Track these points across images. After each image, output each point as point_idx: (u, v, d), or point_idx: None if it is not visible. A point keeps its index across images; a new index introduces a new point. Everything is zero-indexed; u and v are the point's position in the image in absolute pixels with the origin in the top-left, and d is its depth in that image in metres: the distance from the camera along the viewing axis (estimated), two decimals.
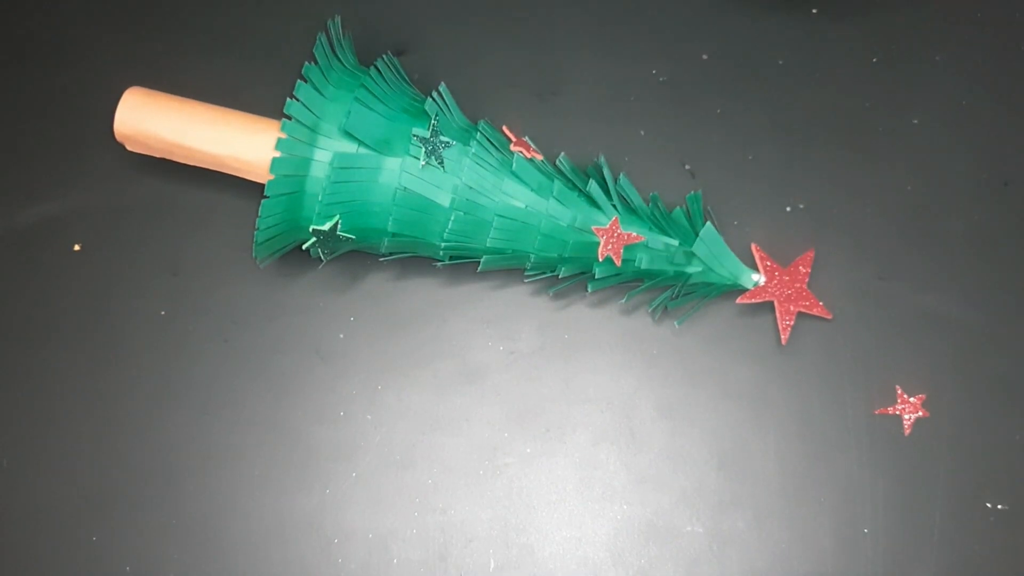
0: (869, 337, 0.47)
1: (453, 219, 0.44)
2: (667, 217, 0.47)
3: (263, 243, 0.44)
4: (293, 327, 0.48)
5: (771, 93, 0.50)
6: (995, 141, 0.49)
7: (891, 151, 0.49)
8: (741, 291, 0.47)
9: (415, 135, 0.44)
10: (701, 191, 0.48)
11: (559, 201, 0.45)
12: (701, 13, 0.48)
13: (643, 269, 0.46)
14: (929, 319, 0.47)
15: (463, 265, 0.48)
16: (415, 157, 0.44)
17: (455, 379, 0.47)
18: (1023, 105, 0.50)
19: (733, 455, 0.46)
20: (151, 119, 0.45)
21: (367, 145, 0.44)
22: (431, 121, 0.44)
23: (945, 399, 0.46)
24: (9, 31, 0.52)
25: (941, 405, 0.46)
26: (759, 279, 0.47)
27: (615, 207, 0.46)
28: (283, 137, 0.43)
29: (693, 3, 0.50)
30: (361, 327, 0.48)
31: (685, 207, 0.48)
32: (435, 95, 0.45)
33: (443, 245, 0.45)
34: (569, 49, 0.51)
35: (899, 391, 0.46)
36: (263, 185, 0.43)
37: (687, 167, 0.50)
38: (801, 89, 0.50)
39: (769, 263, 0.47)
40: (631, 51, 0.51)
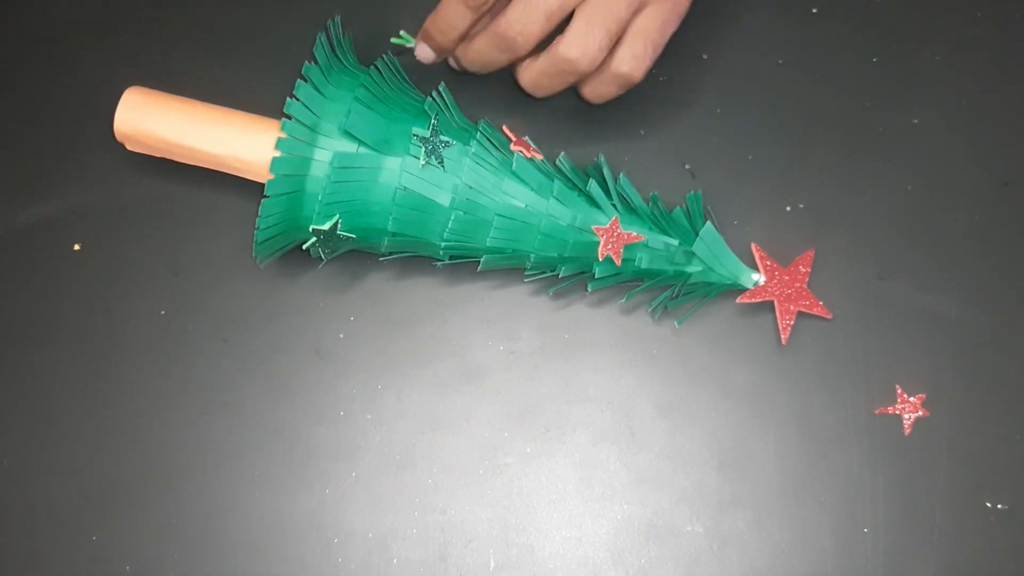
0: (869, 337, 0.47)
1: (453, 219, 0.44)
2: (667, 217, 0.47)
3: (263, 243, 0.44)
4: (293, 327, 0.48)
5: (771, 93, 0.50)
6: (995, 141, 0.49)
7: (891, 151, 0.49)
8: (741, 291, 0.47)
9: (415, 135, 0.44)
10: (701, 191, 0.48)
11: (559, 201, 0.45)
12: (701, 13, 0.48)
13: (643, 269, 0.46)
14: (929, 319, 0.47)
15: (463, 265, 0.48)
16: (415, 157, 0.44)
17: (455, 379, 0.47)
18: (1023, 105, 0.50)
19: (733, 455, 0.46)
20: (151, 119, 0.45)
21: (367, 145, 0.44)
22: (431, 121, 0.44)
23: (945, 399, 0.46)
24: (9, 31, 0.52)
25: (941, 405, 0.46)
26: (759, 279, 0.47)
27: (615, 207, 0.46)
28: (283, 137, 0.43)
29: (693, 3, 0.50)
30: (361, 327, 0.48)
31: (685, 207, 0.48)
32: (435, 95, 0.45)
33: (443, 245, 0.45)
34: None
35: (899, 391, 0.46)
36: (263, 185, 0.43)
37: (687, 167, 0.49)
38: (801, 89, 0.50)
39: (769, 263, 0.47)
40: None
